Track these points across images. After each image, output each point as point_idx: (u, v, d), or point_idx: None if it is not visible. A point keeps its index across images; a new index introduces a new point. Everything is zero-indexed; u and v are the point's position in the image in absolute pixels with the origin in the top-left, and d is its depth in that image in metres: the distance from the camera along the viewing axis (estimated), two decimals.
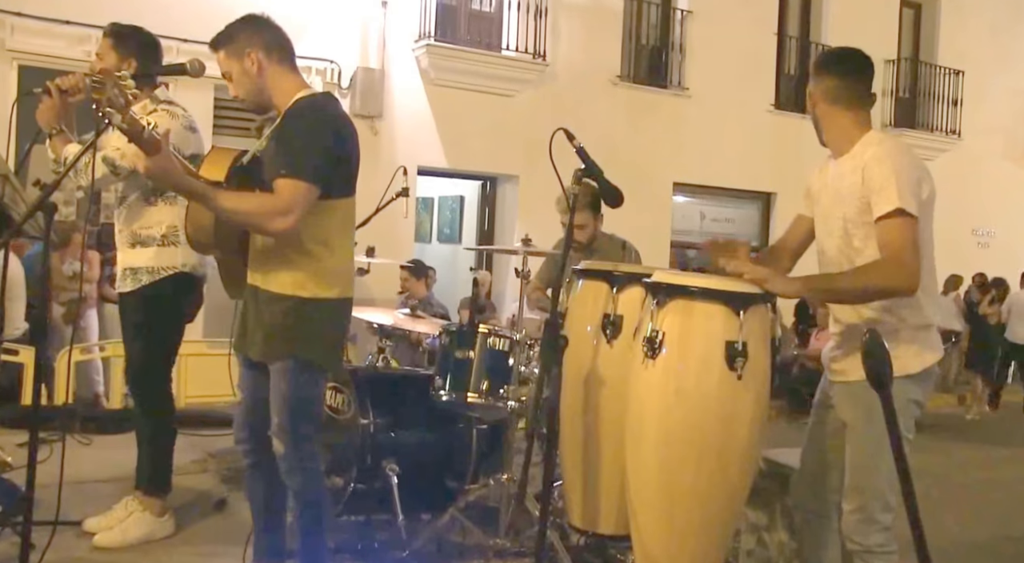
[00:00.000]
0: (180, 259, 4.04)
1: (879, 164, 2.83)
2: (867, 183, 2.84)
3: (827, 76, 3.05)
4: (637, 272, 3.48)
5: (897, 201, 2.76)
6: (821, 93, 3.04)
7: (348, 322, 3.32)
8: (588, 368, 3.48)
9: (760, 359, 3.01)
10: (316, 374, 3.17)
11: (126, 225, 4.09)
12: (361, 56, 10.44)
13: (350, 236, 3.22)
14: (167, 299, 4.07)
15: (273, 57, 3.11)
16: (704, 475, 2.98)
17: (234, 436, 3.36)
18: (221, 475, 5.29)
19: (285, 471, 3.13)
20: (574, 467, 3.61)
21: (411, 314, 5.39)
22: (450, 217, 13.44)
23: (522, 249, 4.37)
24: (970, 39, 15.23)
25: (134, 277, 4.05)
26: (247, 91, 3.12)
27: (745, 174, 13.19)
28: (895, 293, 2.82)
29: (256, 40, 3.10)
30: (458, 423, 4.48)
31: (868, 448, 2.88)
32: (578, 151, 3.36)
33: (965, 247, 14.63)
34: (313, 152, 2.96)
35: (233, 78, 3.12)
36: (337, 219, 3.11)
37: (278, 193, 2.93)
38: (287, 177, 2.92)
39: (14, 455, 4.64)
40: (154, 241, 4.03)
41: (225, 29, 3.14)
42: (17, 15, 8.58)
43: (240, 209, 2.96)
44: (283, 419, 3.09)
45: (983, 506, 6.23)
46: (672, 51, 12.80)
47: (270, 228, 2.95)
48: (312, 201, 2.96)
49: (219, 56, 3.13)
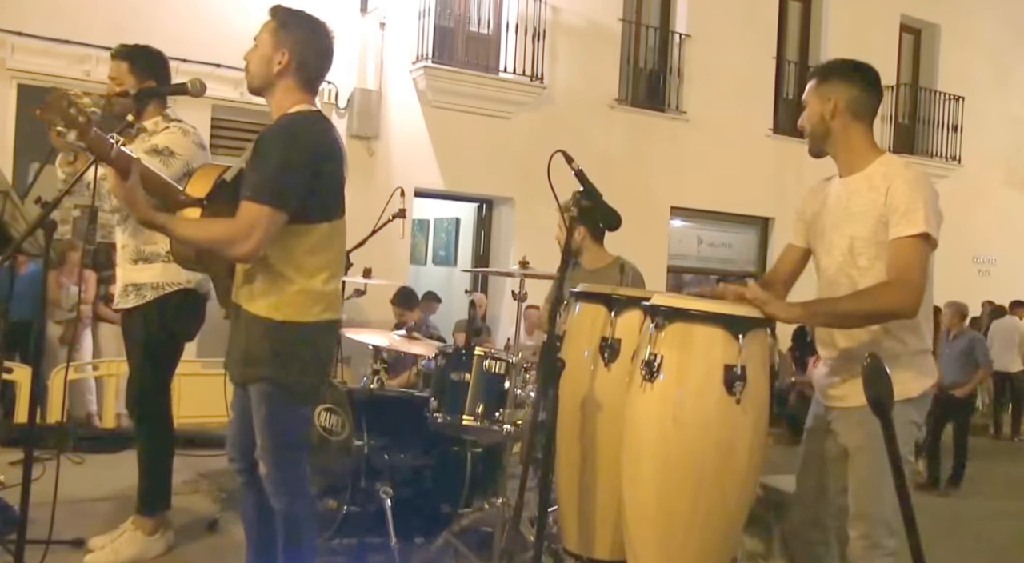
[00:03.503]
0: (185, 275, 4.06)
1: (909, 187, 2.82)
2: (891, 203, 2.82)
3: (851, 85, 2.99)
4: (636, 295, 3.49)
5: (923, 225, 2.77)
6: (846, 103, 2.97)
7: (329, 346, 3.29)
8: (585, 392, 3.47)
9: (759, 384, 3.00)
10: (294, 399, 3.14)
11: (130, 241, 4.12)
12: (359, 77, 10.49)
13: (334, 259, 3.18)
14: (172, 316, 4.10)
15: (300, 71, 3.12)
16: (702, 500, 2.98)
17: (227, 454, 3.38)
18: (214, 496, 5.29)
19: (271, 492, 3.15)
20: (570, 491, 3.60)
21: (407, 336, 5.41)
22: (445, 239, 13.48)
23: (518, 271, 4.39)
24: (970, 64, 15.33)
25: (138, 293, 4.08)
26: (255, 72, 3.13)
27: (743, 198, 13.23)
28: (899, 315, 2.82)
29: (300, 46, 3.11)
30: (453, 446, 4.49)
31: (872, 474, 2.88)
32: (576, 173, 3.36)
33: (966, 275, 14.65)
34: (282, 175, 2.93)
35: (257, 51, 3.12)
36: (316, 243, 3.07)
37: (239, 217, 2.92)
38: (250, 200, 2.91)
39: (6, 473, 4.65)
40: (159, 257, 4.06)
41: (293, 13, 3.15)
42: (17, 34, 8.63)
43: (198, 237, 2.98)
44: (265, 442, 3.10)
45: (983, 536, 6.24)
46: (670, 75, 12.88)
47: (232, 254, 2.95)
48: (277, 225, 2.93)
49: (267, 24, 3.14)
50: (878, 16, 14.47)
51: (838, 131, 3.00)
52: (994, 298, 13.44)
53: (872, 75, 3.04)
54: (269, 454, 3.10)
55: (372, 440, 4.30)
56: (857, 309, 2.85)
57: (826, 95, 3.00)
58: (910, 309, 2.78)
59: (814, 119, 3.04)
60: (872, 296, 2.82)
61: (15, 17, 8.61)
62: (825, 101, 3.00)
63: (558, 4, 11.59)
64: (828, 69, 3.09)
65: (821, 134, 3.04)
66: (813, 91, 3.05)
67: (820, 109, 3.01)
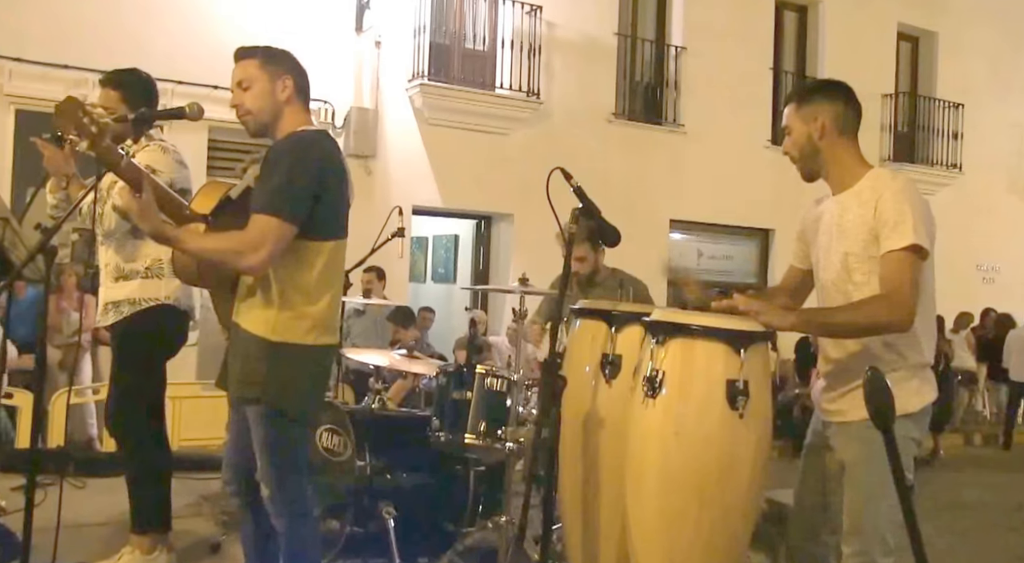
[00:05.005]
0: (163, 291, 4.08)
1: (895, 199, 2.82)
2: (880, 216, 2.83)
3: (835, 102, 3.00)
4: (636, 311, 3.50)
5: (913, 237, 2.77)
6: (832, 121, 2.97)
7: (327, 368, 3.31)
8: (587, 409, 3.49)
9: (762, 398, 3.02)
10: (290, 421, 3.14)
11: (112, 258, 4.14)
12: (355, 96, 10.55)
13: (335, 281, 3.20)
14: (149, 331, 4.09)
15: (300, 94, 3.18)
16: (706, 516, 2.99)
17: (223, 477, 3.38)
18: (216, 519, 5.28)
19: (274, 513, 3.15)
20: (574, 509, 3.62)
21: (408, 355, 5.42)
22: (445, 256, 13.50)
23: (519, 288, 4.39)
24: (969, 71, 15.32)
25: (116, 310, 4.10)
26: (261, 108, 3.13)
27: (743, 211, 13.22)
28: (889, 328, 2.82)
29: (295, 72, 3.17)
30: (456, 465, 4.50)
31: (869, 489, 2.88)
32: (575, 190, 3.38)
33: (970, 283, 14.62)
34: (291, 189, 2.96)
35: (253, 90, 3.12)
36: (317, 262, 3.09)
37: (249, 229, 2.95)
38: (260, 213, 2.95)
39: (7, 499, 4.65)
40: (138, 274, 4.08)
41: (265, 46, 3.18)
42: (15, 60, 8.68)
43: (208, 248, 3.00)
44: (265, 463, 3.11)
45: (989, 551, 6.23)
46: (667, 88, 12.92)
47: (241, 265, 2.97)
48: (287, 238, 2.96)
49: (249, 63, 3.14)
50: (875, 25, 14.51)
51: (827, 150, 3.00)
52: (998, 306, 13.44)
53: (850, 90, 3.06)
54: (270, 475, 3.11)
55: (374, 460, 4.30)
56: (851, 321, 2.86)
57: (811, 116, 3.00)
58: (903, 323, 2.79)
59: (801, 141, 3.03)
60: (866, 309, 2.83)
61: (12, 42, 8.67)
62: (810, 122, 3.00)
63: (553, 19, 11.65)
64: (808, 90, 3.10)
65: (810, 155, 3.03)
66: (795, 114, 3.04)
67: (807, 131, 3.00)
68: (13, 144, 8.64)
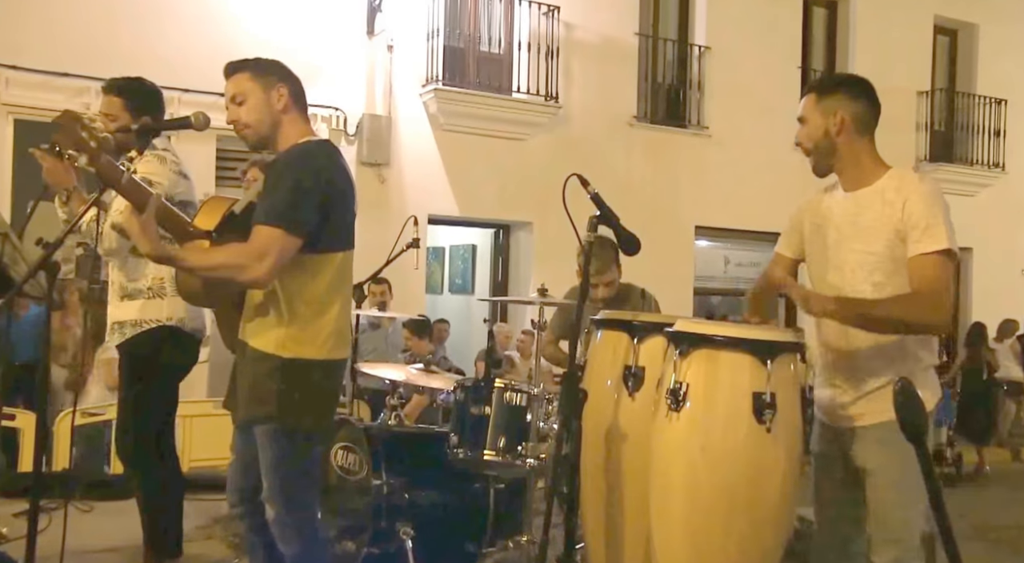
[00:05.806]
0: (165, 312, 4.11)
1: (925, 202, 2.87)
2: (909, 218, 2.87)
3: (857, 99, 3.03)
4: (658, 321, 3.49)
5: (946, 242, 2.83)
6: (852, 117, 3.01)
7: (338, 384, 3.34)
8: (609, 423, 3.48)
9: (791, 410, 3.02)
10: (302, 439, 3.17)
11: (118, 276, 4.18)
12: (367, 102, 10.59)
13: (343, 294, 3.24)
14: (151, 352, 4.12)
15: (297, 102, 3.23)
16: (734, 535, 2.99)
17: (228, 499, 3.39)
18: (228, 541, 5.30)
19: (279, 537, 3.16)
20: (596, 527, 3.61)
21: (425, 369, 5.43)
22: (462, 267, 13.51)
23: (538, 299, 4.41)
24: (1011, 65, 15.10)
25: (120, 331, 4.14)
26: (259, 120, 3.19)
27: (771, 216, 13.00)
28: (928, 329, 2.88)
29: (288, 80, 3.22)
30: (475, 482, 4.50)
31: (902, 497, 2.89)
32: (592, 197, 3.39)
33: (1015, 289, 14.25)
34: (294, 201, 3.00)
35: (248, 103, 3.19)
36: (325, 275, 3.13)
37: (251, 240, 2.98)
38: (263, 224, 2.98)
39: (11, 525, 4.67)
40: (141, 294, 4.11)
41: (255, 59, 3.24)
42: (12, 68, 8.75)
43: (209, 263, 3.02)
44: (273, 484, 3.13)
45: None
46: (690, 89, 12.90)
47: (245, 277, 2.99)
48: (290, 250, 2.99)
49: (241, 77, 3.21)
50: (910, 18, 14.38)
51: (844, 146, 3.04)
52: None
53: (872, 88, 3.09)
54: (278, 497, 3.13)
55: (391, 479, 4.31)
56: (889, 315, 2.87)
57: (831, 109, 3.03)
58: (944, 325, 2.86)
59: (817, 135, 3.06)
60: (906, 305, 2.85)
61: (10, 50, 8.72)
62: (830, 116, 3.03)
63: (571, 20, 11.65)
64: (830, 83, 3.15)
65: (826, 150, 3.06)
66: (814, 106, 3.06)
67: (824, 124, 3.03)
68: (12, 155, 8.68)
